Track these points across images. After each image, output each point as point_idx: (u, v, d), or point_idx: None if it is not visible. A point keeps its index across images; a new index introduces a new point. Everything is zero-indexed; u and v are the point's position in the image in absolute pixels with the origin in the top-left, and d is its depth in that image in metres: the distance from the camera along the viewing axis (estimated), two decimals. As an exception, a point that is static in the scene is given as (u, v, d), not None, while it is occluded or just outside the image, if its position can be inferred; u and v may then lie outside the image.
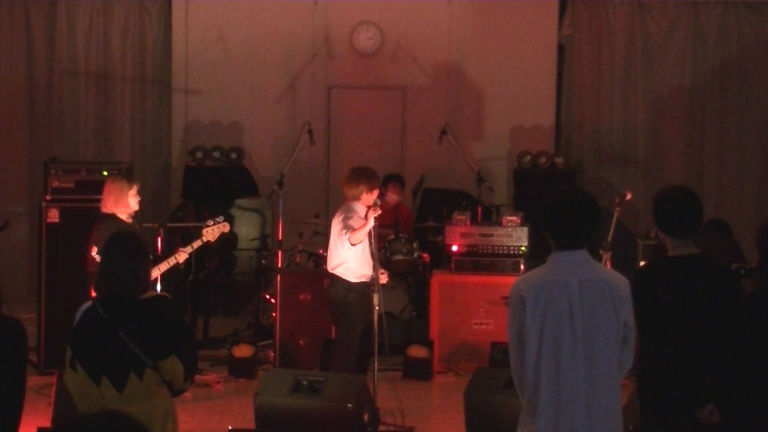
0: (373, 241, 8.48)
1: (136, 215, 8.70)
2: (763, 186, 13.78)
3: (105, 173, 9.83)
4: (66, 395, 5.71)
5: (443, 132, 12.01)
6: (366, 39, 13.71)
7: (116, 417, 2.76)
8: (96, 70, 13.70)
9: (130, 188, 8.61)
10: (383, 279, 8.74)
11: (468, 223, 10.40)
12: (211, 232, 8.83)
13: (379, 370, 8.32)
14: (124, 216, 8.60)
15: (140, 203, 8.67)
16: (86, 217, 9.09)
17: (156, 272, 8.44)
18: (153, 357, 5.05)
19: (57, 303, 9.58)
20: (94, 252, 8.47)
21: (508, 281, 7.76)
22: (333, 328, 9.16)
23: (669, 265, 5.28)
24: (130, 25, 13.71)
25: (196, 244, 8.82)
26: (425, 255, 11.24)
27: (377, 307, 8.29)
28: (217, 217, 9.01)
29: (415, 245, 11.00)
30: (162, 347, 5.07)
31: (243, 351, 10.06)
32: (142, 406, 5.00)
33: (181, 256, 8.68)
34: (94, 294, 8.35)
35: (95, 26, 13.66)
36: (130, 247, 5.26)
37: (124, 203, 8.56)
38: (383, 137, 13.83)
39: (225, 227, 8.92)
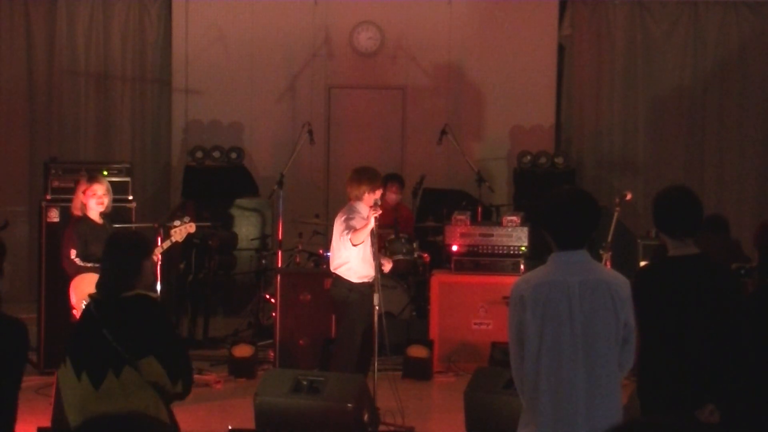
0: (374, 241, 8.48)
1: (106, 215, 8.77)
2: (763, 186, 13.77)
3: (105, 173, 9.84)
4: (66, 395, 5.71)
5: (443, 132, 12.00)
6: (366, 39, 13.71)
7: (139, 418, 2.75)
8: (96, 70, 13.70)
9: (88, 187, 8.70)
10: (386, 267, 8.76)
11: (468, 223, 10.39)
12: (179, 232, 8.89)
13: (379, 370, 8.32)
14: (94, 216, 8.66)
15: (140, 203, 8.71)
16: (86, 217, 9.11)
17: None
18: (131, 355, 5.03)
19: (57, 303, 9.56)
20: (73, 255, 8.50)
21: (508, 281, 7.74)
22: (333, 328, 9.16)
23: (669, 265, 5.28)
24: (130, 25, 13.71)
25: (166, 244, 8.88)
26: (425, 255, 11.24)
27: (377, 307, 8.29)
28: (184, 217, 9.05)
29: (415, 245, 11.00)
30: (139, 346, 5.04)
31: (243, 351, 10.06)
32: (116, 405, 4.95)
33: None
34: (71, 297, 8.44)
35: (95, 26, 13.66)
36: (118, 245, 5.28)
37: (78, 203, 8.66)
38: (383, 137, 13.83)
39: (191, 227, 8.97)
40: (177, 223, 8.94)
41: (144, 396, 5.07)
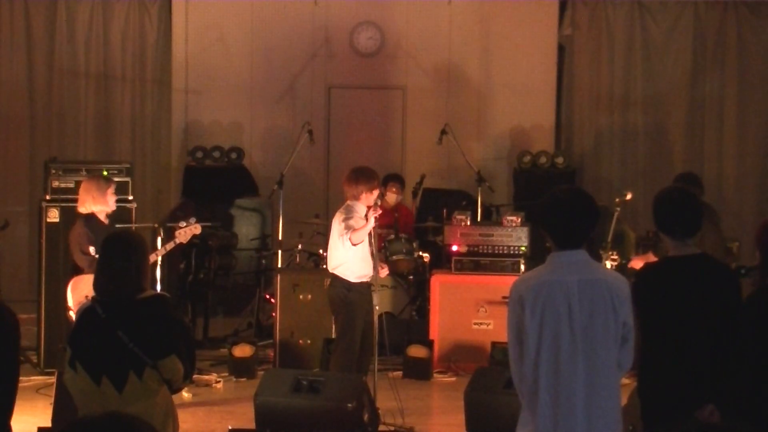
0: (373, 241, 8.48)
1: (110, 216, 8.77)
2: (764, 185, 13.77)
3: (105, 173, 9.85)
4: (66, 395, 5.71)
5: (443, 132, 12.00)
6: (366, 39, 13.71)
7: (119, 418, 2.75)
8: (96, 70, 13.70)
9: (108, 187, 8.69)
10: (383, 273, 8.76)
11: (468, 223, 10.39)
12: (183, 233, 8.84)
13: (379, 370, 8.32)
14: (101, 216, 8.67)
15: (140, 203, 8.70)
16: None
17: None
18: (152, 356, 5.04)
19: (57, 303, 9.57)
20: (92, 251, 8.50)
21: (508, 281, 7.69)
22: (333, 328, 9.16)
23: (669, 265, 5.28)
24: (130, 25, 13.70)
25: (169, 246, 8.84)
26: (425, 255, 11.23)
27: (376, 307, 8.29)
28: (190, 218, 9.01)
29: (415, 245, 11.00)
30: (162, 346, 5.07)
31: (243, 351, 10.07)
32: (142, 406, 5.00)
33: (153, 258, 8.69)
34: (70, 297, 8.43)
35: (95, 26, 13.66)
36: (126, 246, 5.27)
37: (103, 202, 8.65)
38: (383, 137, 13.83)
39: (196, 228, 8.92)
40: (182, 224, 8.90)
41: (165, 394, 5.13)
